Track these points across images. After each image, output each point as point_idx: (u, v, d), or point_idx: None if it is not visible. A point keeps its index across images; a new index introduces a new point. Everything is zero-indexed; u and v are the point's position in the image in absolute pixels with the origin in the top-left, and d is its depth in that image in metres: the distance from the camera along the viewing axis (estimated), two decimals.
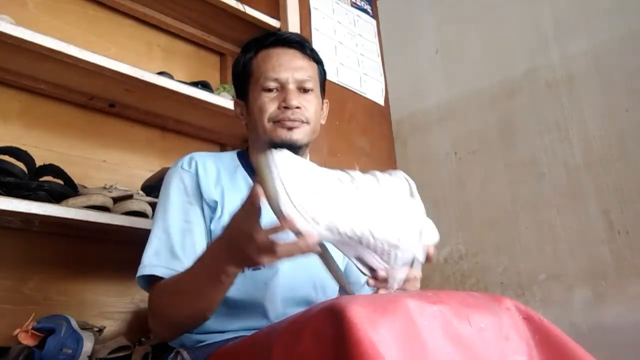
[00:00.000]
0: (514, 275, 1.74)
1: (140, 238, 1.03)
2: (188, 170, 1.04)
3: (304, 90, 1.05)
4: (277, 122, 1.03)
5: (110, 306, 1.44)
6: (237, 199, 1.02)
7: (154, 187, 1.40)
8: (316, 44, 1.98)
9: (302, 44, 1.09)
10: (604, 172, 1.59)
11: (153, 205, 1.33)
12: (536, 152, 1.75)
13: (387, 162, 2.17)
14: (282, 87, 1.04)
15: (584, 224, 1.60)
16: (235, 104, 1.14)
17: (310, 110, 1.05)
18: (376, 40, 2.34)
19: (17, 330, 1.20)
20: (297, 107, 1.02)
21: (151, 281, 0.95)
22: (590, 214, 1.60)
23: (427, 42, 2.18)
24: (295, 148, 1.04)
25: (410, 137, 2.17)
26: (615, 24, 1.65)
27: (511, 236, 1.76)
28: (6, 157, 1.20)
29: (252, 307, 0.96)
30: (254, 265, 0.76)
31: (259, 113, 1.04)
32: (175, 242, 0.96)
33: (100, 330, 1.31)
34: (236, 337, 0.90)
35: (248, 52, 1.10)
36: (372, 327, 0.58)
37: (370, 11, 2.38)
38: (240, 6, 1.66)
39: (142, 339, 1.33)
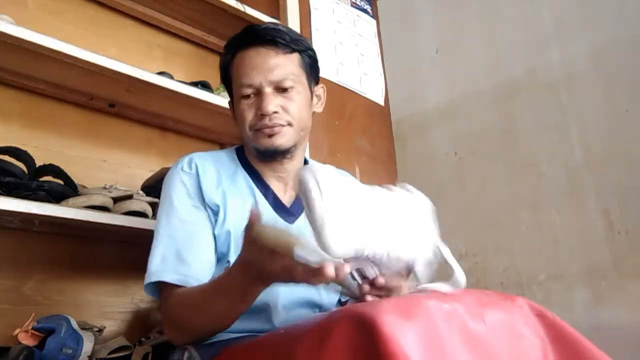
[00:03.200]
0: (514, 275, 1.74)
1: (140, 238, 1.03)
2: (189, 172, 1.01)
3: (283, 90, 1.00)
4: (257, 130, 1.00)
5: (110, 306, 1.44)
6: (239, 202, 1.01)
7: (154, 187, 1.40)
8: (316, 44, 1.98)
9: (274, 40, 1.00)
10: (604, 172, 1.59)
11: (153, 205, 1.33)
12: (536, 152, 1.75)
13: (387, 162, 2.17)
14: (258, 92, 1.00)
15: (584, 224, 1.60)
16: (230, 107, 1.12)
17: (291, 110, 1.00)
18: (376, 40, 2.34)
19: (17, 330, 1.19)
20: (275, 112, 0.98)
21: (161, 287, 0.94)
22: (590, 214, 1.59)
23: (427, 42, 2.17)
24: (280, 152, 1.02)
25: (410, 137, 2.17)
26: (615, 24, 1.65)
27: (511, 236, 1.76)
28: (6, 157, 1.20)
29: (256, 308, 0.95)
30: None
31: (240, 122, 1.02)
32: (182, 246, 0.94)
33: (100, 330, 1.31)
34: (240, 337, 0.91)
35: (226, 54, 1.06)
36: (402, 335, 0.58)
37: (370, 11, 2.38)
38: (240, 6, 1.66)
39: (142, 339, 1.33)
